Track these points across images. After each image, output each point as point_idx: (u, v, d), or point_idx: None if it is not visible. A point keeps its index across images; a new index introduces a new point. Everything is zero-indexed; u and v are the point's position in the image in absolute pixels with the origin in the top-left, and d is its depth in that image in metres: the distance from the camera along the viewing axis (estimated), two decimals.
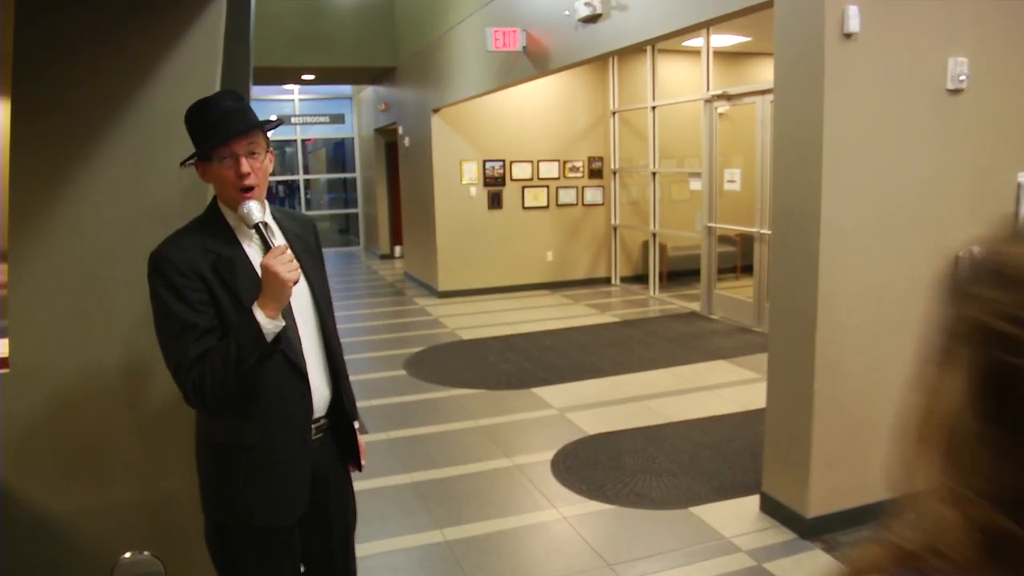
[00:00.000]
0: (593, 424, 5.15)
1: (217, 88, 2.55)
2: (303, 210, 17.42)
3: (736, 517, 3.77)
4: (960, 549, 0.58)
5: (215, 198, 1.98)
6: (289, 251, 1.85)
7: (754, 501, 3.86)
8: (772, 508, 3.74)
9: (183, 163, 1.96)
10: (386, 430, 5.16)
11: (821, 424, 3.44)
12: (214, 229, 1.92)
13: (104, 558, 2.46)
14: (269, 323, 1.81)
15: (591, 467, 4.44)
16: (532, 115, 10.48)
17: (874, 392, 3.53)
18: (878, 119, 3.37)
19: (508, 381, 6.27)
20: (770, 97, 7.48)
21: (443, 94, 9.86)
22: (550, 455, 4.63)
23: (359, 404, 5.50)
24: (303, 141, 17.68)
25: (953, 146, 3.54)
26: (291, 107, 16.55)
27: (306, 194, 18.52)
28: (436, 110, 10.15)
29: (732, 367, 6.52)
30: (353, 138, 17.23)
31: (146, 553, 2.50)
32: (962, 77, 3.45)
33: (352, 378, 2.21)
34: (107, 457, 2.53)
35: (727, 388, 5.91)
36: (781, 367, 3.65)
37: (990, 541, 0.57)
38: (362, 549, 3.55)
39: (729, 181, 8.22)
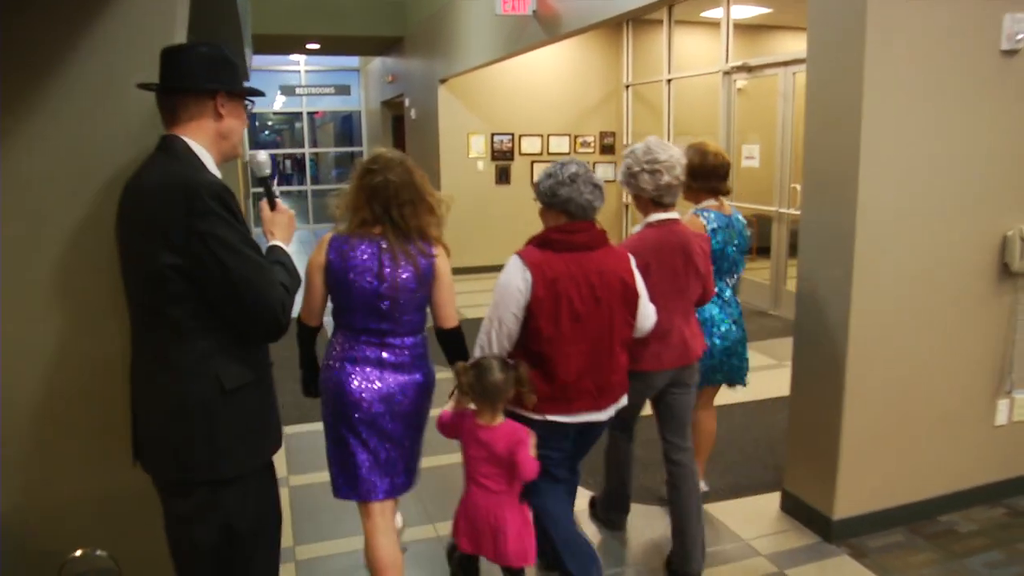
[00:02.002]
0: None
1: (184, 25, 2.27)
2: (309, 184, 17.18)
3: (755, 517, 3.49)
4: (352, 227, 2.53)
5: (174, 137, 1.86)
6: None
7: (774, 499, 3.58)
8: (794, 508, 3.45)
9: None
10: None
11: (852, 417, 3.14)
12: (198, 163, 1.86)
13: (52, 556, 2.22)
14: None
15: (598, 458, 4.16)
16: (542, 87, 10.13)
17: (910, 383, 3.23)
18: (924, 83, 3.04)
19: None
20: (793, 69, 7.13)
21: (450, 64, 9.51)
22: None
23: None
24: (310, 114, 17.39)
25: (1006, 113, 3.21)
26: (297, 78, 16.26)
27: (312, 168, 18.26)
28: (443, 80, 9.81)
29: (748, 352, 6.21)
30: (360, 111, 16.94)
31: (99, 551, 2.25)
32: (1019, 36, 3.11)
33: None
34: (53, 451, 2.28)
35: None
36: (808, 354, 3.35)
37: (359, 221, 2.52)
38: (350, 543, 3.33)
39: (747, 158, 7.87)
